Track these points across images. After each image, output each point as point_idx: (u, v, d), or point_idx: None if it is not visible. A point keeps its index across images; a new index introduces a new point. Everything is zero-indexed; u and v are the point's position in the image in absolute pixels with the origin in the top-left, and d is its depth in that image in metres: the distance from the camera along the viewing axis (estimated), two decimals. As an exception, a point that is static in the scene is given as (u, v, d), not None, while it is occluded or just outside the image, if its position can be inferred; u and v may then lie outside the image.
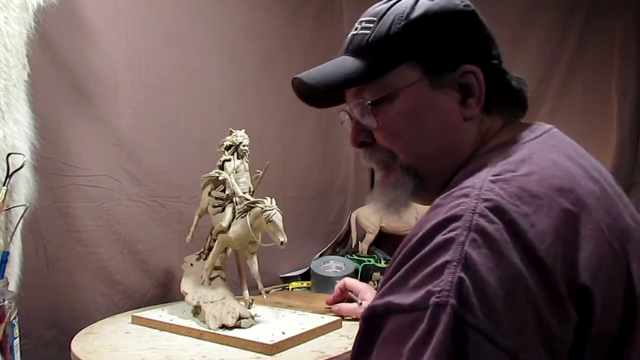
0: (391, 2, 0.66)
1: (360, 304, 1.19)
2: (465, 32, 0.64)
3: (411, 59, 0.64)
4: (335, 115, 2.05)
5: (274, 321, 1.13)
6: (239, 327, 1.07)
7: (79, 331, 1.14)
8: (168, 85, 1.46)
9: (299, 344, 1.02)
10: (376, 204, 0.71)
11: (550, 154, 0.58)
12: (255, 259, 1.18)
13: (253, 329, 1.07)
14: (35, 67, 1.08)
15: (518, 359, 0.45)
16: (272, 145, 1.72)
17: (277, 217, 1.07)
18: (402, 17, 0.63)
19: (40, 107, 1.09)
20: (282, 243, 1.06)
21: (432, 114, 0.64)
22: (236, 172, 1.21)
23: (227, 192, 1.19)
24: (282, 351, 0.98)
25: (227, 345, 1.02)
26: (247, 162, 1.23)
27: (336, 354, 0.98)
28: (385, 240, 1.90)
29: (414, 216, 1.74)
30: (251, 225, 1.10)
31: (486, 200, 0.50)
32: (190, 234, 1.30)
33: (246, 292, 1.20)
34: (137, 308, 1.33)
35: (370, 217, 1.84)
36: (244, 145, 1.22)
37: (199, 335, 1.07)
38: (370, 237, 1.83)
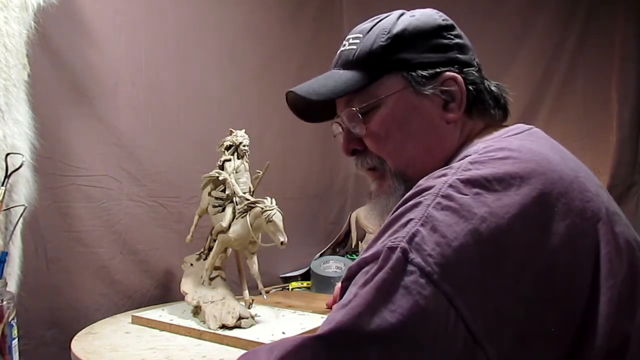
0: (376, 20, 0.72)
1: None
2: (444, 43, 0.70)
3: (395, 69, 0.69)
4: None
5: (274, 321, 1.13)
6: (239, 327, 1.07)
7: (79, 331, 1.14)
8: (168, 85, 1.46)
9: None
10: (372, 212, 0.77)
11: (529, 144, 0.61)
12: (255, 259, 1.18)
13: (253, 329, 1.07)
14: (35, 67, 1.08)
15: (453, 304, 0.48)
16: (272, 145, 1.72)
17: (277, 217, 1.07)
18: (385, 31, 0.69)
19: (40, 107, 1.09)
20: (282, 243, 1.06)
21: (417, 118, 0.69)
22: (236, 172, 1.21)
23: (227, 192, 1.19)
24: None
25: (227, 345, 1.02)
26: (247, 162, 1.23)
27: None
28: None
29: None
30: (251, 225, 1.10)
31: (460, 175, 0.54)
32: (190, 234, 1.30)
33: (246, 292, 1.20)
34: (137, 308, 1.33)
35: (370, 217, 1.84)
36: (244, 146, 1.22)
37: (199, 335, 1.07)
38: (370, 237, 1.83)
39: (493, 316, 0.49)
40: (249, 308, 1.16)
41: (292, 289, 1.64)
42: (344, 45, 0.74)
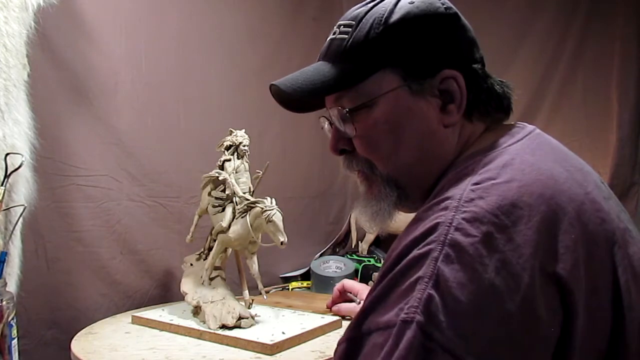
0: (370, 4, 0.64)
1: (359, 303, 1.19)
2: (446, 36, 0.62)
3: (390, 65, 0.62)
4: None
5: (274, 321, 1.13)
6: (239, 327, 1.07)
7: (79, 331, 1.14)
8: (168, 85, 1.46)
9: (299, 344, 1.02)
10: (360, 216, 0.70)
11: (531, 157, 0.56)
12: (255, 259, 1.18)
13: (253, 329, 1.07)
14: (35, 67, 1.08)
15: None
16: (272, 145, 1.72)
17: (277, 217, 1.07)
18: (380, 21, 0.61)
19: (40, 107, 1.09)
20: (282, 243, 1.06)
21: (412, 122, 0.62)
22: (236, 172, 1.21)
23: (227, 192, 1.19)
24: (282, 351, 0.98)
25: (227, 345, 1.02)
26: (247, 162, 1.23)
27: None
28: (385, 240, 1.90)
29: (413, 216, 1.74)
30: (251, 225, 1.10)
31: (464, 212, 0.49)
32: (190, 234, 1.30)
33: (246, 292, 1.20)
34: (137, 308, 1.33)
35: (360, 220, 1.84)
36: (244, 146, 1.22)
37: (199, 335, 1.07)
38: (370, 237, 1.83)
39: None
40: (249, 308, 1.15)
41: (292, 289, 1.64)
42: (334, 32, 0.66)
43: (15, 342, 0.94)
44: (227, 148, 1.24)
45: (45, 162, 1.17)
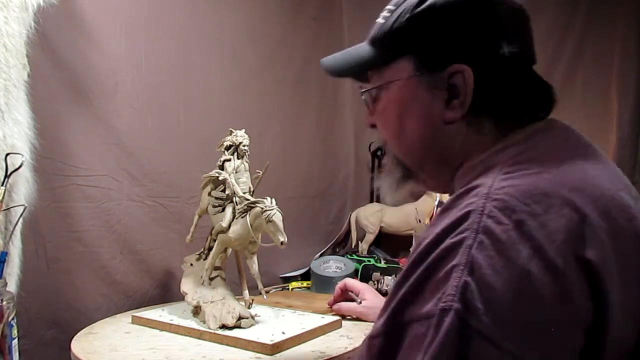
0: None
1: (360, 303, 1.19)
2: (465, 28, 0.61)
3: (408, 54, 0.64)
4: (335, 115, 2.05)
5: (274, 321, 1.13)
6: (239, 327, 1.07)
7: (79, 331, 1.14)
8: (168, 85, 1.46)
9: (299, 344, 1.02)
10: (380, 189, 0.76)
11: (563, 152, 0.56)
12: (255, 259, 1.18)
13: (253, 329, 1.07)
14: (35, 67, 1.08)
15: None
16: (272, 145, 1.72)
17: (277, 217, 1.07)
18: (409, 9, 0.63)
19: (40, 107, 1.09)
20: (282, 243, 1.06)
21: (415, 111, 0.65)
22: (236, 172, 1.21)
23: (227, 192, 1.19)
24: (282, 351, 0.98)
25: (227, 345, 1.02)
26: (247, 162, 1.23)
27: (336, 353, 0.98)
28: (385, 240, 1.90)
29: (414, 216, 1.74)
30: (251, 225, 1.10)
31: (495, 199, 0.49)
32: (190, 234, 1.30)
33: (246, 292, 1.20)
34: (137, 308, 1.33)
35: (370, 217, 1.84)
36: (244, 145, 1.22)
37: (199, 335, 1.07)
38: (370, 237, 1.83)
39: (567, 355, 0.47)
40: (249, 308, 1.16)
41: (292, 289, 1.64)
42: (379, 15, 0.68)
43: (15, 342, 0.94)
44: (227, 148, 1.24)
45: (45, 162, 1.17)
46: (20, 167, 0.98)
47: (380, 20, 0.68)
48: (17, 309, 0.96)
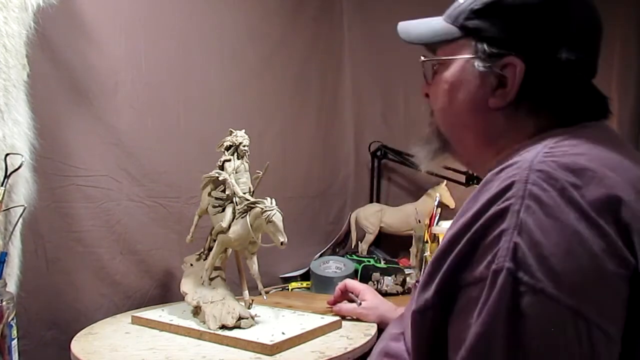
0: None
1: (360, 304, 1.19)
2: (532, 26, 0.64)
3: (471, 36, 0.68)
4: (335, 115, 2.05)
5: (274, 321, 1.13)
6: (238, 327, 1.07)
7: (78, 331, 1.14)
8: (168, 85, 1.46)
9: (299, 345, 1.02)
10: (415, 157, 0.80)
11: (602, 142, 0.59)
12: (255, 259, 1.18)
13: (253, 329, 1.07)
14: (35, 67, 1.07)
15: (580, 314, 0.47)
16: (272, 145, 1.72)
17: (277, 218, 1.07)
18: None
19: (40, 107, 1.09)
20: (282, 243, 1.06)
21: (463, 92, 0.69)
22: (236, 173, 1.21)
23: (227, 193, 1.19)
24: (282, 351, 0.98)
25: (227, 345, 1.02)
26: (247, 162, 1.23)
27: (336, 354, 0.98)
28: (385, 241, 1.90)
29: (413, 216, 1.74)
30: (251, 226, 1.10)
31: (538, 170, 0.52)
32: (190, 234, 1.30)
33: (246, 293, 1.20)
34: (137, 308, 1.33)
35: (370, 217, 1.84)
36: (244, 146, 1.22)
37: (199, 335, 1.07)
38: (370, 238, 1.83)
39: (618, 309, 0.49)
40: (249, 308, 1.16)
41: (291, 289, 1.64)
42: None
43: (15, 342, 0.94)
44: (227, 148, 1.23)
45: (45, 162, 1.17)
46: (20, 167, 0.98)
47: (460, 0, 0.71)
48: (17, 309, 0.96)
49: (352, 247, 1.89)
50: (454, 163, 0.82)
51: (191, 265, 1.30)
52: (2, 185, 0.95)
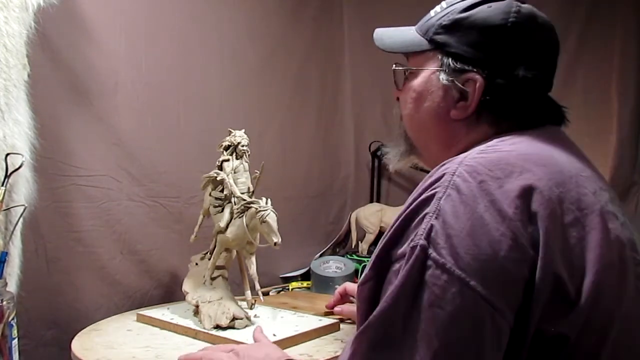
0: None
1: None
2: (491, 43, 0.70)
3: (440, 49, 0.73)
4: (335, 115, 2.05)
5: (270, 322, 1.13)
6: (232, 327, 1.07)
7: (79, 331, 1.14)
8: (168, 85, 1.46)
9: (289, 346, 1.01)
10: (387, 156, 0.88)
11: (539, 141, 0.66)
12: (253, 259, 1.18)
13: (247, 330, 1.07)
14: (35, 67, 1.08)
15: (469, 286, 0.53)
16: (272, 145, 1.72)
17: (271, 218, 1.07)
18: (454, 13, 0.72)
19: (40, 107, 1.09)
20: (275, 244, 1.05)
21: (429, 101, 0.75)
22: (234, 173, 1.21)
23: (224, 193, 1.19)
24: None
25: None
26: (247, 162, 1.23)
27: (324, 357, 0.97)
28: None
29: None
30: (247, 226, 1.10)
31: (466, 165, 0.60)
32: (194, 233, 1.30)
33: (248, 293, 1.20)
34: (137, 308, 1.33)
35: (370, 217, 1.84)
36: (242, 146, 1.21)
37: (195, 334, 1.08)
38: (370, 237, 1.83)
39: (509, 287, 0.54)
40: (250, 308, 1.16)
41: (292, 289, 1.64)
42: (435, 7, 0.77)
43: (15, 342, 0.94)
44: (226, 148, 1.23)
45: (45, 162, 1.17)
46: (20, 167, 0.98)
47: (431, 13, 0.76)
48: (17, 309, 0.96)
49: (353, 247, 1.89)
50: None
51: (196, 264, 1.31)
52: (2, 185, 0.95)
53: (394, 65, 0.81)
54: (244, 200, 1.14)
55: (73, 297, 1.26)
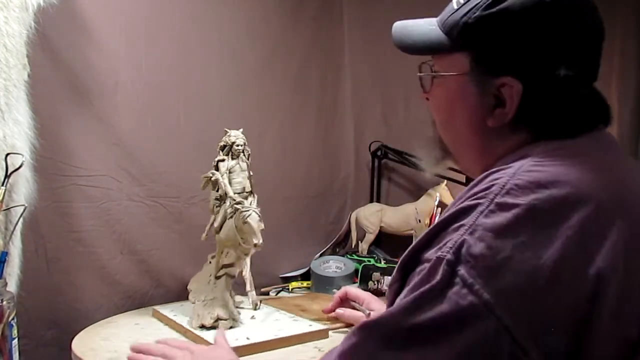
0: None
1: (369, 314, 1.08)
2: (531, 42, 0.61)
3: (468, 50, 0.65)
4: (335, 115, 2.04)
5: (258, 325, 1.13)
6: (216, 327, 1.08)
7: (79, 331, 1.14)
8: (168, 85, 1.46)
9: (262, 351, 1.01)
10: (419, 159, 0.82)
11: (594, 152, 0.60)
12: (248, 260, 1.19)
13: (230, 331, 1.07)
14: (35, 67, 1.08)
15: (494, 313, 0.49)
16: (272, 145, 1.72)
17: (252, 218, 1.07)
18: (482, 6, 0.62)
19: (40, 107, 1.09)
20: (255, 245, 1.05)
21: (461, 109, 0.68)
22: (230, 172, 1.21)
23: (219, 193, 1.20)
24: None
25: (202, 345, 1.02)
26: (244, 162, 1.22)
27: None
28: (385, 240, 1.90)
29: (414, 216, 1.74)
30: (236, 227, 1.10)
31: (519, 179, 0.54)
32: (205, 232, 1.30)
33: (252, 293, 1.21)
34: (137, 308, 1.33)
35: (370, 217, 1.84)
36: (237, 145, 1.21)
37: (184, 332, 1.10)
38: (370, 237, 1.83)
39: (539, 324, 0.50)
40: (254, 309, 1.16)
41: (292, 289, 1.64)
42: None
43: (15, 342, 0.94)
44: (222, 148, 1.24)
45: (45, 162, 1.17)
46: (20, 167, 0.98)
47: (454, 4, 0.67)
48: (17, 309, 0.96)
49: (353, 246, 1.89)
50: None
51: (209, 262, 1.31)
52: (2, 185, 0.95)
53: (418, 73, 0.74)
54: (234, 200, 1.14)
55: (73, 297, 1.26)
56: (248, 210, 1.07)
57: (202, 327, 1.08)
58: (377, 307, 1.10)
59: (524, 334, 0.49)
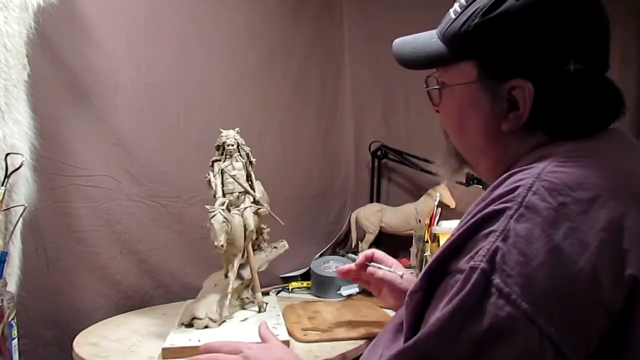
0: None
1: (402, 275, 1.00)
2: (538, 40, 0.60)
3: (473, 58, 0.64)
4: (335, 115, 2.04)
5: (234, 327, 1.12)
6: (191, 326, 1.09)
7: (79, 331, 1.14)
8: (168, 85, 1.46)
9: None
10: (439, 172, 0.80)
11: (616, 152, 0.59)
12: (236, 262, 1.18)
13: (204, 331, 1.08)
14: (35, 67, 1.08)
15: (534, 322, 0.48)
16: (272, 145, 1.72)
17: (216, 220, 1.08)
18: (480, 12, 0.61)
19: (40, 107, 1.09)
20: (215, 247, 1.06)
21: (474, 117, 0.67)
22: (223, 173, 1.21)
23: (212, 192, 1.20)
24: (176, 358, 0.97)
25: None
26: (238, 161, 1.22)
27: None
28: (385, 240, 1.90)
29: (414, 216, 1.74)
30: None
31: (545, 180, 0.52)
32: None
33: (259, 295, 1.21)
34: (137, 308, 1.33)
35: (370, 217, 1.84)
36: (228, 145, 1.21)
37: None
38: (370, 237, 1.83)
39: (580, 330, 0.49)
40: (259, 311, 1.17)
41: (292, 289, 1.63)
42: (452, 6, 0.67)
43: (15, 342, 0.94)
44: (217, 148, 1.24)
45: (45, 162, 1.17)
46: (20, 167, 0.98)
47: (451, 14, 0.66)
48: (17, 309, 0.96)
49: (353, 246, 1.89)
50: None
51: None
52: (2, 185, 0.95)
53: (425, 82, 0.73)
54: (216, 200, 1.15)
55: (73, 297, 1.26)
56: (213, 211, 1.08)
57: (182, 324, 1.10)
58: (406, 276, 1.02)
59: (566, 342, 0.48)
